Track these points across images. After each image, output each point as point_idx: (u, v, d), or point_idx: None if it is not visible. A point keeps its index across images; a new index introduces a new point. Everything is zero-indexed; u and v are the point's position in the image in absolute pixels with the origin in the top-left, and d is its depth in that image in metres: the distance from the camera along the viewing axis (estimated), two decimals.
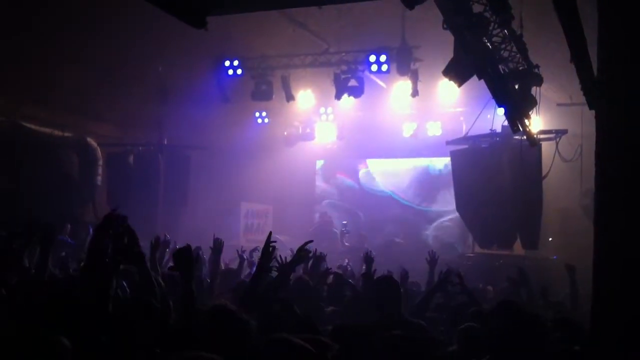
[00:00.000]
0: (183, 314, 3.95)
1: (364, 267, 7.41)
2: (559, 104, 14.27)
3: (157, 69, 14.79)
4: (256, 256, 8.90)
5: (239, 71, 15.04)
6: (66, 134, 15.67)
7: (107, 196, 16.51)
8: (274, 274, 5.44)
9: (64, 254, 8.14)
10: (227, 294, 5.90)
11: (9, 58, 12.20)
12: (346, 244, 17.49)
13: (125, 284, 5.00)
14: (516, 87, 9.20)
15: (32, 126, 14.69)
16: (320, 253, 7.68)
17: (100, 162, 16.25)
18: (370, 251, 7.74)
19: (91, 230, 7.60)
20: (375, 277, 6.33)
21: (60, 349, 3.03)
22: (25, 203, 13.29)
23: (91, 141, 16.11)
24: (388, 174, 20.52)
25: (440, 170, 19.26)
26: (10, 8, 11.05)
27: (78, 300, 3.72)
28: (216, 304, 3.88)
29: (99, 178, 16.22)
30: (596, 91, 5.65)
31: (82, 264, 4.68)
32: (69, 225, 11.07)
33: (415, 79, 14.05)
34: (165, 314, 3.96)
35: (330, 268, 7.76)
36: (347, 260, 12.07)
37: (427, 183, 19.73)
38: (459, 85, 8.93)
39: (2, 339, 3.13)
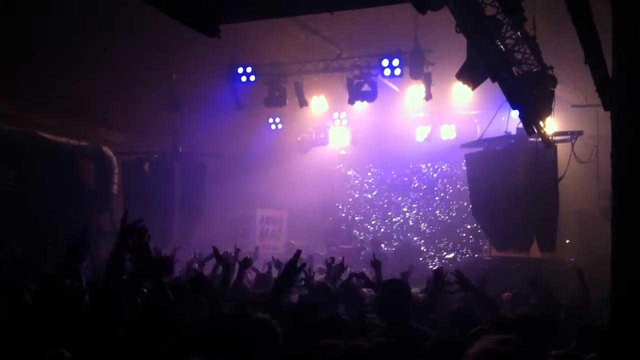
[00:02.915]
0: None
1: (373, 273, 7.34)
2: (573, 105, 14.18)
3: (170, 77, 14.89)
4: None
5: (252, 78, 15.09)
6: (82, 143, 15.79)
7: (124, 204, 16.60)
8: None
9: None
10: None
11: (24, 68, 12.32)
12: (358, 245, 17.50)
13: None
14: (530, 89, 9.15)
15: (48, 136, 14.82)
16: (342, 259, 7.70)
17: (116, 171, 16.36)
18: (377, 261, 7.70)
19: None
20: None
21: None
22: (42, 212, 13.39)
23: (107, 150, 16.22)
24: (401, 177, 20.48)
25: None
26: (25, 18, 11.16)
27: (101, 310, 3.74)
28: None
29: (115, 187, 16.32)
30: (611, 92, 5.61)
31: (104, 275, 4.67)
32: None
33: (428, 82, 14.03)
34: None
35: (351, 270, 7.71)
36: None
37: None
38: (473, 88, 8.92)
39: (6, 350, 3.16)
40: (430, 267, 18.21)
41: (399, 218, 20.19)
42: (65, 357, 3.12)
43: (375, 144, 18.86)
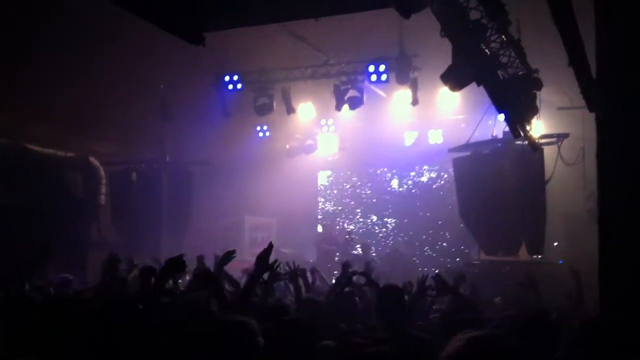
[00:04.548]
0: None
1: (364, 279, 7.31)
2: (559, 108, 14.25)
3: (157, 86, 14.86)
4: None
5: (239, 85, 15.10)
6: (69, 154, 15.72)
7: (111, 215, 16.55)
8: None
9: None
10: None
11: (10, 79, 12.25)
12: (353, 252, 17.48)
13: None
14: (516, 92, 9.21)
15: (36, 147, 14.74)
16: (347, 261, 7.69)
17: (104, 181, 16.30)
18: (369, 262, 7.69)
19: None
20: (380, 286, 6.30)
21: None
22: (30, 224, 13.32)
23: (94, 160, 16.16)
24: (390, 182, 20.53)
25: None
26: (11, 30, 11.12)
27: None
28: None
29: (103, 197, 16.25)
30: (595, 94, 5.66)
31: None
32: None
33: (414, 87, 14.09)
34: None
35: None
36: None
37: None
38: (457, 91, 8.96)
39: None
40: (419, 270, 18.27)
41: (389, 223, 20.22)
42: None
43: (364, 149, 18.87)
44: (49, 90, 12.87)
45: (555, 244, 15.67)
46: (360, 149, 18.88)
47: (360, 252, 17.28)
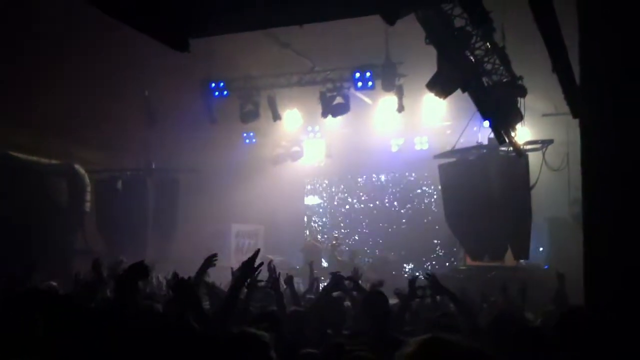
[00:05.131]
0: None
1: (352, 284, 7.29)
2: (544, 115, 14.36)
3: (143, 92, 14.80)
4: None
5: (225, 92, 15.06)
6: (53, 161, 15.60)
7: (97, 223, 16.45)
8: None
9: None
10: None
11: None
12: (339, 258, 17.47)
13: None
14: (500, 99, 9.25)
15: (19, 155, 14.62)
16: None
17: (89, 189, 16.18)
18: (357, 269, 7.68)
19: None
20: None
21: None
22: (13, 231, 13.20)
23: (79, 168, 16.04)
24: (377, 189, 20.59)
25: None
26: None
27: None
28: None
29: (88, 204, 16.12)
30: (578, 100, 5.70)
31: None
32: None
33: (400, 94, 14.12)
34: None
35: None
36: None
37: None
38: (443, 99, 8.99)
39: None
40: (405, 277, 18.31)
41: (375, 229, 20.26)
42: None
43: (350, 156, 18.90)
44: (32, 97, 12.80)
45: (541, 248, 15.77)
46: (346, 156, 18.92)
47: (347, 259, 17.29)
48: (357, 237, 20.49)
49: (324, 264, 17.08)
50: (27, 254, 12.31)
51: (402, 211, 19.96)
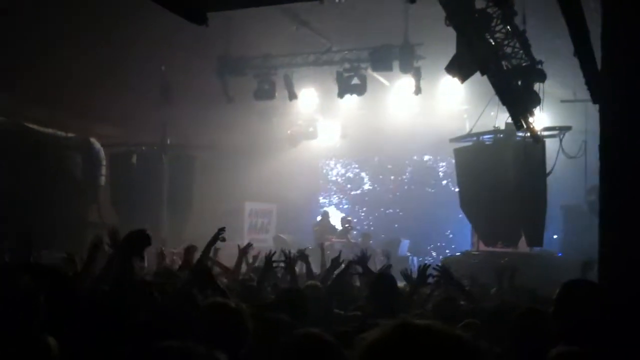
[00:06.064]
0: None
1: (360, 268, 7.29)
2: (562, 101, 14.20)
3: (160, 68, 14.79)
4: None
5: (242, 70, 15.02)
6: (69, 135, 15.67)
7: (111, 197, 16.54)
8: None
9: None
10: None
11: (12, 59, 12.19)
12: (352, 240, 17.49)
13: None
14: (519, 83, 9.15)
15: (36, 127, 14.69)
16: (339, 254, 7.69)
17: (104, 163, 16.26)
18: (365, 250, 7.67)
19: None
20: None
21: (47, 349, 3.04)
22: (29, 204, 13.31)
23: (95, 142, 16.10)
24: (391, 171, 20.55)
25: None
26: (11, 11, 11.04)
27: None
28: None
29: (103, 179, 16.21)
30: (600, 85, 5.62)
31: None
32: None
33: (418, 76, 14.01)
34: None
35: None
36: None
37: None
38: (462, 82, 8.91)
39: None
40: (417, 262, 18.31)
41: (387, 212, 20.24)
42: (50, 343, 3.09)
43: (365, 137, 18.82)
44: (50, 70, 12.81)
45: (555, 236, 15.68)
46: (362, 137, 18.84)
47: (360, 240, 17.29)
48: (370, 219, 20.49)
49: (336, 245, 17.07)
50: (41, 227, 12.43)
51: (416, 194, 19.90)
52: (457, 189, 14.61)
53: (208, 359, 2.20)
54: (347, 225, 18.10)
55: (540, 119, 11.18)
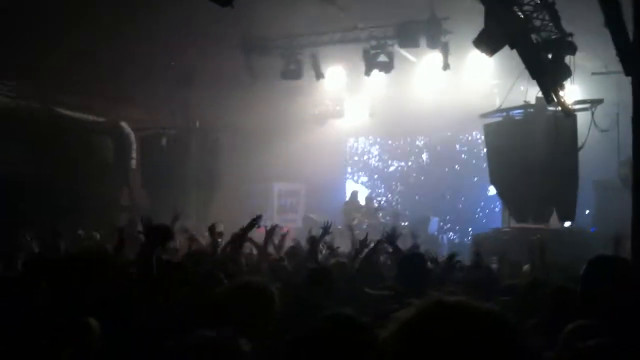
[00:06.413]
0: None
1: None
2: (593, 73, 13.92)
3: (185, 52, 14.84)
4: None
5: (267, 51, 14.99)
6: (100, 119, 15.86)
7: (142, 180, 16.74)
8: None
9: None
10: None
11: (42, 46, 12.33)
12: (382, 220, 17.45)
13: None
14: (549, 56, 8.99)
15: (67, 112, 14.88)
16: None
17: (134, 146, 16.44)
18: (395, 229, 7.65)
19: None
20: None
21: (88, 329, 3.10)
22: (61, 189, 13.53)
23: (125, 125, 16.28)
24: (421, 149, 20.43)
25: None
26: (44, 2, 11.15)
27: None
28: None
29: (134, 162, 16.42)
30: (632, 57, 5.49)
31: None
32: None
33: (446, 52, 13.85)
34: None
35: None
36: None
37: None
38: (490, 55, 8.78)
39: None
40: (447, 240, 18.24)
41: (416, 190, 20.14)
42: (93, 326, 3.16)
43: (393, 115, 18.64)
44: (79, 56, 12.93)
45: (587, 211, 15.46)
46: (389, 115, 18.66)
47: (389, 219, 17.23)
48: (398, 198, 20.42)
49: (364, 225, 17.03)
50: (74, 210, 12.64)
51: (444, 172, 19.75)
52: (486, 166, 14.45)
53: (231, 350, 2.22)
54: (376, 205, 18.04)
55: (571, 93, 10.99)
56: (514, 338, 1.53)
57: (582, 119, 11.85)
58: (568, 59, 9.21)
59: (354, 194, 19.15)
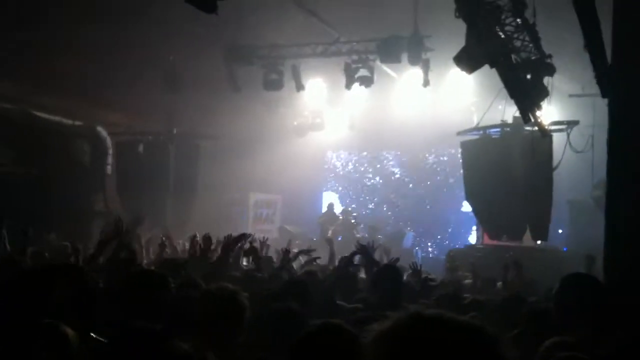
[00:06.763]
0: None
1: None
2: (571, 95, 14.14)
3: (167, 57, 14.77)
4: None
5: (250, 60, 14.99)
6: (76, 123, 15.71)
7: (117, 185, 16.58)
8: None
9: None
10: None
11: (19, 47, 12.21)
12: (357, 235, 17.43)
13: None
14: (528, 77, 9.10)
15: (43, 115, 14.72)
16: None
17: (111, 151, 16.30)
18: (370, 243, 7.69)
19: None
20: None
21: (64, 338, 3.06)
22: (36, 192, 13.35)
23: (101, 130, 16.15)
24: (398, 164, 20.52)
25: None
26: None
27: None
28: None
29: (109, 167, 16.27)
30: (609, 79, 5.58)
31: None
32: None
33: (426, 68, 13.95)
34: None
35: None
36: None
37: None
38: (470, 73, 8.87)
39: None
40: (421, 255, 18.30)
41: (392, 204, 20.22)
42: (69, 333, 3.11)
43: (372, 129, 18.75)
44: (56, 59, 12.82)
45: (560, 230, 15.65)
46: (369, 129, 18.76)
47: (366, 234, 17.21)
48: (375, 212, 20.47)
49: (340, 238, 17.03)
50: (47, 214, 12.48)
51: (421, 187, 19.87)
52: (463, 182, 14.56)
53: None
54: (353, 221, 18.04)
55: (548, 113, 11.13)
56: (493, 351, 1.53)
57: (558, 140, 12.01)
58: (546, 80, 9.33)
59: (331, 206, 19.17)
